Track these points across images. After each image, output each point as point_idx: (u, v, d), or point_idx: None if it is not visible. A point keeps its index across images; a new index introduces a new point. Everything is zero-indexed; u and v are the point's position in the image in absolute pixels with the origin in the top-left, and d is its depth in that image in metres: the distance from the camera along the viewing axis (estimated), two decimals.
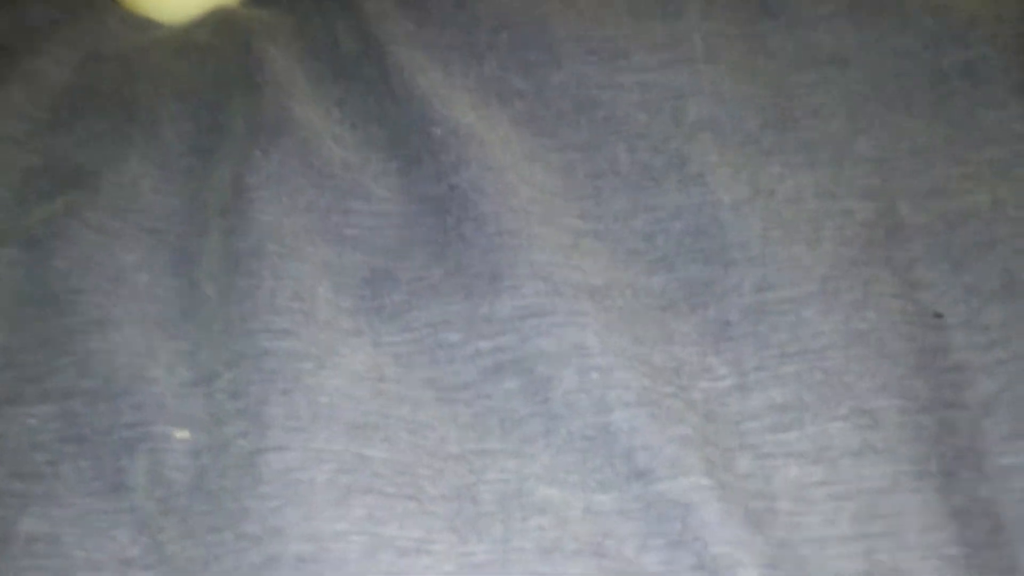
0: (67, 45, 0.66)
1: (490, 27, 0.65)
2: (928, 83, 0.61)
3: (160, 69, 0.65)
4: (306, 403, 0.51)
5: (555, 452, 0.51)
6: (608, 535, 0.49)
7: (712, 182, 0.58)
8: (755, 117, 0.61)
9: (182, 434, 0.53)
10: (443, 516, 0.49)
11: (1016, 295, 0.53)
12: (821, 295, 0.54)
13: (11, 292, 0.57)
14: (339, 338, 0.54)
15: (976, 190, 0.57)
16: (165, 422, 0.53)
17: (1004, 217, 0.56)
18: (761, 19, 0.65)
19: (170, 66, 0.65)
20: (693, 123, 0.61)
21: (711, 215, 0.57)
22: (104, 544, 0.50)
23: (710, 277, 0.56)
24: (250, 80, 0.62)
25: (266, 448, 0.50)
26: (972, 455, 0.50)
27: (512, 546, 0.48)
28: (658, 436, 0.50)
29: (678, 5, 0.65)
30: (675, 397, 0.52)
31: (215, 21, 0.67)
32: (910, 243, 0.56)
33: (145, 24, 0.68)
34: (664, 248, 0.57)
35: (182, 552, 0.49)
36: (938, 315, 0.54)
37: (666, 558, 0.48)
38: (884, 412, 0.51)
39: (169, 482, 0.51)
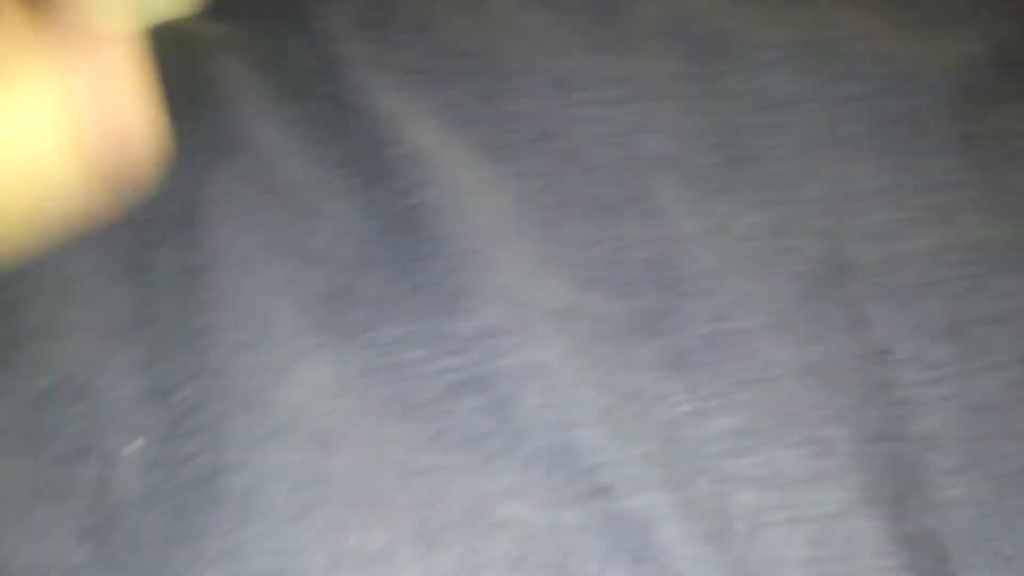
0: None
1: (451, 54, 0.65)
2: (874, 130, 0.63)
3: None
4: (264, 418, 0.51)
5: (518, 469, 0.51)
6: (572, 551, 0.49)
7: (670, 216, 0.59)
8: (710, 155, 0.62)
9: (133, 447, 0.52)
10: (406, 526, 0.49)
11: (960, 335, 0.55)
12: (773, 328, 0.56)
13: None
14: (298, 353, 0.54)
15: (919, 234, 0.59)
16: (116, 432, 0.52)
17: (946, 261, 0.58)
18: (714, 61, 0.66)
19: None
20: (650, 158, 0.62)
21: (668, 247, 0.59)
22: (47, 548, 0.49)
23: (667, 306, 0.57)
24: (203, 96, 0.62)
25: (225, 467, 0.50)
26: (918, 486, 0.52)
27: (476, 560, 0.49)
28: (620, 454, 0.50)
29: (632, 42, 0.66)
30: (636, 419, 0.53)
31: (166, 35, 0.66)
32: (858, 282, 0.58)
33: None
34: (624, 277, 0.58)
35: (133, 563, 0.49)
36: (885, 351, 0.56)
37: (629, 574, 0.48)
38: (835, 441, 0.52)
39: (119, 493, 0.50)
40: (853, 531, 0.50)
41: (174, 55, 0.64)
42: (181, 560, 0.48)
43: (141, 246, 0.58)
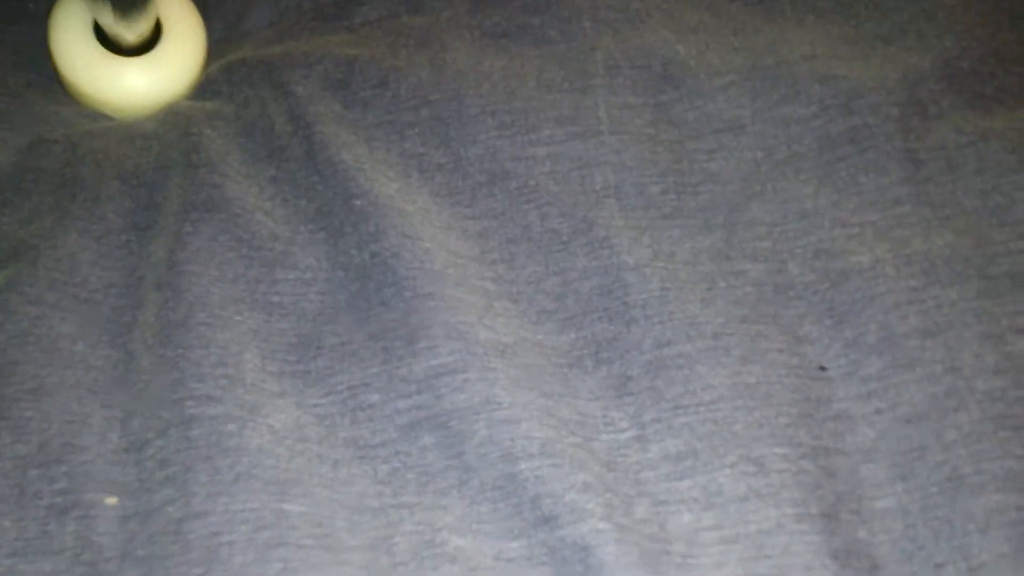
0: (16, 130, 0.68)
1: (411, 105, 0.68)
2: (816, 149, 0.64)
3: (105, 153, 0.67)
4: (228, 466, 0.54)
5: (468, 503, 0.54)
6: None
7: (616, 245, 0.61)
8: (656, 183, 0.64)
9: (111, 500, 0.55)
10: (358, 565, 0.52)
11: (893, 348, 0.57)
12: (712, 351, 0.57)
13: None
14: (264, 399, 0.56)
15: (858, 251, 0.60)
16: (95, 489, 0.55)
17: (883, 275, 0.59)
18: (664, 90, 0.68)
19: (115, 150, 0.67)
20: (599, 190, 0.64)
21: (616, 276, 0.60)
22: None
23: (614, 335, 0.59)
24: (188, 161, 0.65)
25: (191, 515, 0.52)
26: (851, 499, 0.53)
27: None
28: (561, 484, 0.52)
29: (584, 79, 0.68)
30: (578, 447, 0.54)
31: (162, 113, 0.70)
32: (797, 301, 0.59)
33: (96, 116, 0.71)
34: (573, 308, 0.60)
35: None
36: (822, 368, 0.57)
37: None
38: (768, 459, 0.54)
39: (98, 547, 0.53)
40: (786, 546, 0.52)
41: (166, 128, 0.68)
42: None
43: (124, 307, 0.61)
